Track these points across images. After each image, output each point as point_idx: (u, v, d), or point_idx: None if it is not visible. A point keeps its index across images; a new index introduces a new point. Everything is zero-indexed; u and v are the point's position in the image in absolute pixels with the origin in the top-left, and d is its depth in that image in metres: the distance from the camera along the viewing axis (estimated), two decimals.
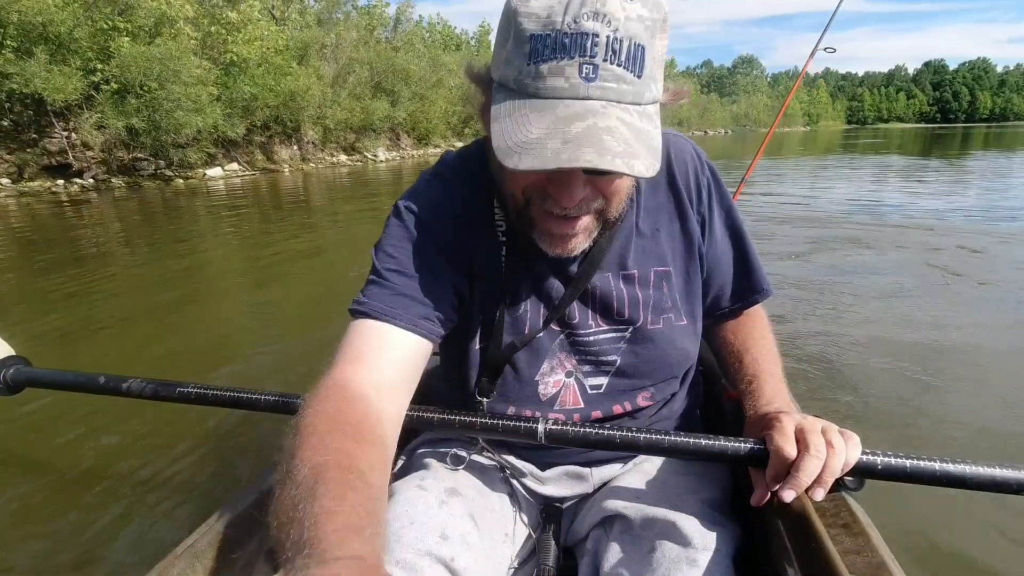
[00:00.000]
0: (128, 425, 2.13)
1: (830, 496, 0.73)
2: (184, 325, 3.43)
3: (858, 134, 57.96)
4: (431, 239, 0.77)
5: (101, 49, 12.53)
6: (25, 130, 12.21)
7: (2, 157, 11.81)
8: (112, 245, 6.19)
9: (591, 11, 0.56)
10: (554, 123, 0.58)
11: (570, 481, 0.88)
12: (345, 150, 21.63)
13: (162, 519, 1.66)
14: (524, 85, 0.60)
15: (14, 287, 4.35)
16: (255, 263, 5.26)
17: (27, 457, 2.01)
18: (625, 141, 0.57)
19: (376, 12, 27.71)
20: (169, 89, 12.79)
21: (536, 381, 0.83)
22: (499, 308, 0.80)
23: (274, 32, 17.64)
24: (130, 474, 1.87)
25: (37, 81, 10.90)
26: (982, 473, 0.72)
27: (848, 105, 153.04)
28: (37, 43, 11.24)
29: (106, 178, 12.77)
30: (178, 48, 13.17)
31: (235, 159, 16.39)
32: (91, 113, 12.43)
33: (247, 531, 0.75)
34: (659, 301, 0.83)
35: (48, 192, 11.50)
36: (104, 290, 4.13)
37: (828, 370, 2.52)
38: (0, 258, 5.44)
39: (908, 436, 2.03)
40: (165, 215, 8.75)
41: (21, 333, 3.07)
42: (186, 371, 2.67)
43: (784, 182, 10.92)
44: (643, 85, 0.60)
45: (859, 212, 6.94)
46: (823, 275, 4.04)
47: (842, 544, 0.66)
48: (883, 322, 3.11)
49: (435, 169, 0.84)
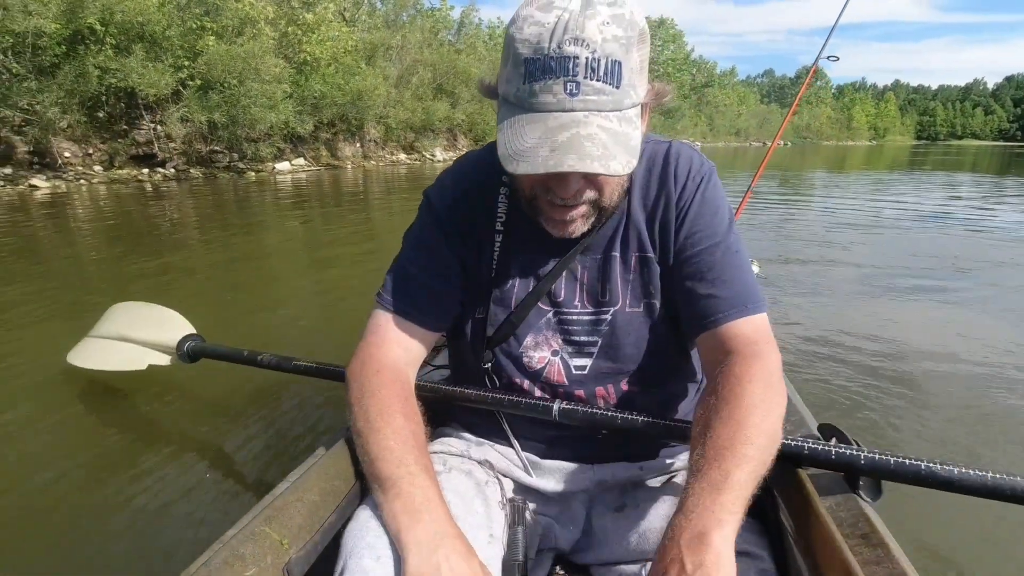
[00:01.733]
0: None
1: (848, 507, 0.76)
2: (253, 303, 3.78)
3: (927, 150, 55.22)
4: (445, 228, 0.91)
5: (190, 48, 13.36)
6: (117, 121, 13.12)
7: (96, 146, 12.73)
8: (191, 230, 6.71)
9: (571, 37, 0.65)
10: (544, 133, 0.68)
11: (558, 479, 0.92)
12: (405, 149, 22.22)
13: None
14: (521, 101, 0.70)
15: (117, 262, 4.80)
16: (316, 249, 5.72)
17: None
18: (603, 145, 0.67)
19: (441, 15, 28.33)
20: (248, 86, 13.49)
21: (521, 353, 0.91)
22: (493, 283, 0.91)
23: (345, 33, 18.29)
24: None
25: (135, 76, 11.72)
26: (971, 477, 0.73)
27: (919, 120, 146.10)
28: (135, 41, 12.08)
29: (185, 168, 13.56)
30: (259, 48, 13.89)
31: (302, 154, 17.09)
32: (178, 107, 13.26)
33: (261, 548, 0.74)
34: (641, 286, 0.88)
35: (135, 180, 12.30)
36: (201, 266, 4.55)
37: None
38: (98, 238, 5.98)
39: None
40: (239, 203, 9.30)
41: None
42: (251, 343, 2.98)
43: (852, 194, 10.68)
44: (622, 93, 0.69)
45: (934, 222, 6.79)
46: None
47: (861, 555, 0.66)
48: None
49: (456, 165, 0.97)
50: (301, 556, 0.77)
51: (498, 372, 0.94)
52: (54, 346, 2.51)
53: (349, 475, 0.91)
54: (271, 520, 0.78)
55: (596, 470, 0.92)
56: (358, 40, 19.33)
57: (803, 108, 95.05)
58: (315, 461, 0.90)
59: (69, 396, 2.35)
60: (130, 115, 13.20)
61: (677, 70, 55.27)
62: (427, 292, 0.90)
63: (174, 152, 13.61)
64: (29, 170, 11.05)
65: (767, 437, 0.68)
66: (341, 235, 6.55)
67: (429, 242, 0.91)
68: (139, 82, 11.80)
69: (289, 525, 0.79)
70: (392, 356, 0.87)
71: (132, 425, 2.21)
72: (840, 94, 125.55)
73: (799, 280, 4.37)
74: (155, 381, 2.34)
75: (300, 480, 0.86)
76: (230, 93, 13.45)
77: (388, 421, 0.78)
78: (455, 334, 0.97)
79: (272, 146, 15.33)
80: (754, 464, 0.65)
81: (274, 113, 14.16)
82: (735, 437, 0.66)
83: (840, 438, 0.89)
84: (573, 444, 0.92)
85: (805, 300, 3.85)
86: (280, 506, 0.80)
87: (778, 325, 3.28)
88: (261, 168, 15.04)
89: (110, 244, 5.74)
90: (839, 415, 2.26)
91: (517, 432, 0.94)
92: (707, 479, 0.63)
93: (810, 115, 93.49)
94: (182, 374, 2.40)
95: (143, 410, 2.30)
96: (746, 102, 73.59)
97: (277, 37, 15.82)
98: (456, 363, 1.05)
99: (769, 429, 0.68)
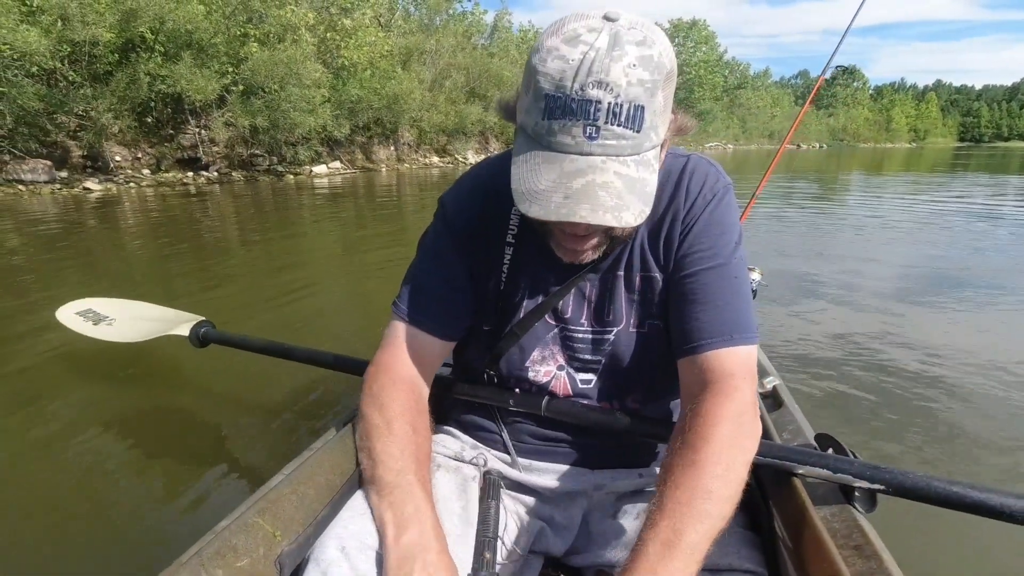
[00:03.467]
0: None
1: (842, 517, 0.75)
2: (288, 300, 3.88)
3: (970, 152, 53.36)
4: (458, 237, 0.90)
5: (234, 54, 13.79)
6: (164, 126, 13.61)
7: (144, 150, 13.22)
8: (233, 231, 6.94)
9: (595, 80, 0.63)
10: (560, 177, 0.66)
11: (555, 481, 0.92)
12: (437, 152, 22.48)
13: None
14: (539, 136, 0.68)
15: (163, 261, 5.00)
16: (353, 250, 5.89)
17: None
18: (618, 195, 0.65)
19: (474, 19, 28.58)
20: (288, 91, 13.85)
21: (527, 367, 0.91)
22: (502, 296, 0.91)
23: (381, 38, 18.60)
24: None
25: (184, 82, 12.15)
26: (972, 495, 0.74)
27: (961, 121, 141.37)
28: (183, 49, 12.52)
29: (227, 172, 13.96)
30: (301, 53, 14.24)
31: (338, 157, 17.43)
32: (222, 111, 13.68)
33: (254, 540, 0.74)
34: (645, 306, 0.87)
35: (180, 183, 12.71)
36: (234, 270, 4.71)
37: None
38: (147, 239, 6.23)
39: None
40: (280, 206, 9.54)
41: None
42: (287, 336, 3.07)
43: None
44: (642, 137, 0.67)
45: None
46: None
47: (854, 567, 0.66)
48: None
49: (473, 171, 0.96)
50: (293, 549, 0.78)
51: (503, 384, 0.95)
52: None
53: (344, 470, 0.91)
54: (265, 512, 0.77)
55: (596, 475, 0.92)
56: (393, 45, 19.63)
57: (839, 110, 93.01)
58: (311, 455, 0.90)
59: (68, 384, 2.47)
60: (176, 120, 13.67)
61: (709, 72, 54.54)
62: (440, 303, 0.90)
63: (217, 156, 14.04)
64: (83, 174, 11.53)
65: (729, 487, 0.66)
66: (375, 238, 6.70)
67: (442, 251, 0.91)
68: (188, 87, 12.22)
69: (282, 517, 0.79)
70: (408, 367, 0.88)
71: (129, 415, 2.26)
72: (878, 95, 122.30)
73: (817, 284, 4.30)
74: (154, 371, 2.47)
75: (295, 473, 0.86)
76: (271, 98, 13.83)
77: (396, 430, 0.80)
78: (461, 344, 0.97)
79: (310, 149, 15.68)
80: (712, 520, 0.63)
81: (313, 117, 14.48)
82: (695, 489, 0.65)
83: (837, 448, 0.89)
84: (572, 447, 0.93)
85: (816, 304, 3.79)
86: (274, 498, 0.80)
87: (780, 329, 3.26)
88: (299, 171, 15.38)
89: (158, 244, 5.98)
90: (839, 423, 2.22)
91: (514, 433, 0.95)
92: (659, 537, 0.62)
93: (846, 117, 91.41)
94: (184, 364, 2.54)
95: (141, 401, 2.37)
96: (780, 104, 72.24)
97: (316, 43, 16.17)
98: (459, 373, 1.05)
99: (732, 478, 0.67)
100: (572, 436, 0.92)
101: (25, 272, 4.52)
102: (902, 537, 1.46)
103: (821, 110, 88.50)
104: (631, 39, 0.64)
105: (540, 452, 0.93)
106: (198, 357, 2.19)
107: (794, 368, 2.72)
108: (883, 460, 1.15)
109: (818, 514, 0.76)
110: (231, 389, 2.46)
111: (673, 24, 55.94)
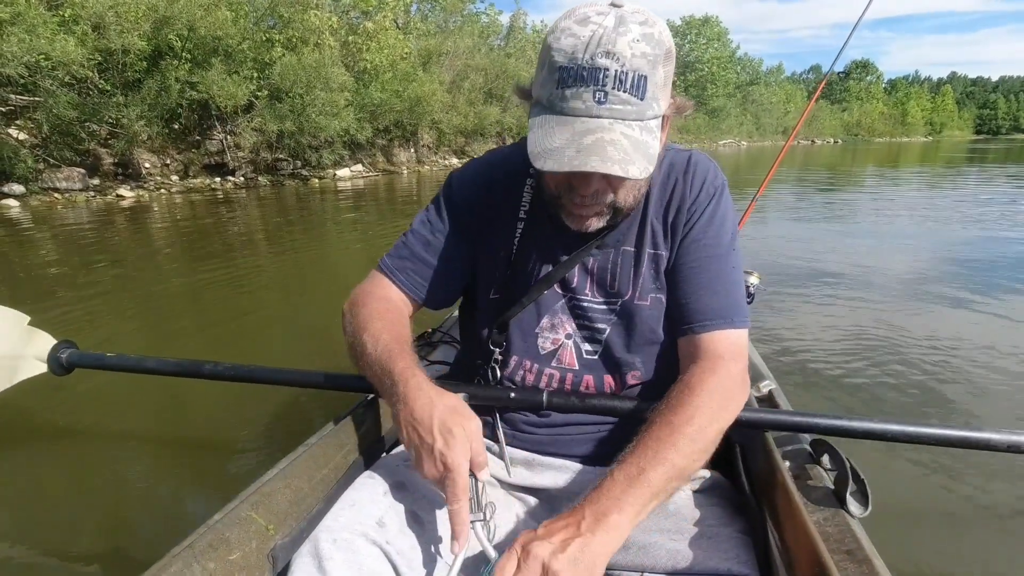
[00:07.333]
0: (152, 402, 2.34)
1: (835, 522, 0.76)
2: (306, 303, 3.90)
3: (987, 145, 52.60)
4: (454, 208, 0.99)
5: (260, 60, 13.86)
6: (191, 132, 13.72)
7: (173, 156, 13.33)
8: (263, 235, 7.00)
9: (604, 51, 0.71)
10: (572, 135, 0.73)
11: (556, 479, 0.94)
12: (456, 153, 22.49)
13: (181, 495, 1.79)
14: (553, 104, 0.76)
15: (192, 263, 5.04)
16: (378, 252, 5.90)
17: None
18: (624, 151, 0.72)
19: (490, 20, 28.58)
20: (313, 95, 13.90)
21: (536, 334, 0.96)
22: (512, 266, 0.97)
23: (400, 41, 18.65)
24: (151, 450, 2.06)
25: (215, 88, 12.23)
26: (926, 431, 0.88)
27: (978, 113, 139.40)
28: (211, 55, 12.61)
29: (253, 176, 14.03)
30: (329, 57, 14.29)
31: (360, 160, 17.48)
32: (250, 117, 13.77)
33: (245, 532, 0.74)
34: (649, 279, 0.93)
35: (208, 188, 12.81)
36: (253, 278, 4.74)
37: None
38: (177, 245, 6.28)
39: None
40: (307, 209, 9.61)
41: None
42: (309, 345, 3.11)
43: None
44: (645, 105, 0.75)
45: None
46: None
47: (846, 571, 0.67)
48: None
49: (486, 155, 1.04)
50: (286, 542, 0.78)
51: (508, 353, 0.98)
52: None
53: (338, 465, 0.92)
54: (258, 505, 0.78)
55: (600, 472, 0.89)
56: (411, 48, 19.66)
57: (852, 104, 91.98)
58: (305, 450, 0.91)
59: (68, 382, 2.49)
60: (202, 126, 13.77)
61: (722, 68, 54.10)
62: (413, 261, 0.99)
63: (242, 161, 14.11)
64: (114, 181, 11.65)
65: (695, 445, 0.75)
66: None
67: (435, 223, 0.99)
68: (219, 94, 12.30)
69: (275, 511, 0.80)
70: (378, 301, 0.97)
71: (123, 407, 2.26)
72: (892, 89, 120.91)
73: (815, 290, 4.24)
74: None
75: (289, 467, 0.86)
76: (297, 103, 13.89)
77: (383, 331, 0.90)
78: (468, 315, 1.04)
79: (334, 153, 15.74)
80: (673, 468, 0.71)
81: (337, 121, 14.55)
82: (665, 440, 0.73)
83: (832, 454, 0.90)
84: (573, 444, 0.95)
85: (813, 310, 3.76)
86: (267, 492, 0.81)
87: (777, 333, 3.26)
88: (323, 175, 15.45)
89: (190, 249, 6.06)
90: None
91: (513, 431, 0.97)
92: (624, 471, 0.71)
93: (860, 111, 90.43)
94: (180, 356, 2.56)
95: (135, 391, 2.35)
96: (793, 99, 71.45)
97: (338, 46, 16.24)
98: (465, 349, 1.11)
99: (700, 439, 0.75)
100: (573, 434, 0.95)
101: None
102: (893, 542, 1.49)
103: (835, 105, 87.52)
104: (634, 20, 0.73)
105: (543, 446, 0.96)
106: (196, 351, 2.13)
107: (792, 371, 2.73)
108: (880, 467, 1.20)
109: (811, 518, 0.78)
110: (225, 384, 2.45)
111: (685, 21, 55.52)
